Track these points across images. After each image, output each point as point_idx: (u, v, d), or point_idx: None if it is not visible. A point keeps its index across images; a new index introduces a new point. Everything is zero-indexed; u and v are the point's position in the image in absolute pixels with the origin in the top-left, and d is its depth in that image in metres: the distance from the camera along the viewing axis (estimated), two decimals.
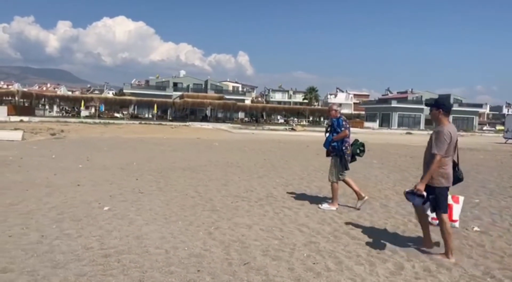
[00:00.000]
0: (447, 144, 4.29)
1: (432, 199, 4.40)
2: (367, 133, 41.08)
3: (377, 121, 76.10)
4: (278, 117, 69.57)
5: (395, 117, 78.32)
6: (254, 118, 59.11)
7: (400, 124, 77.18)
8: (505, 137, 34.82)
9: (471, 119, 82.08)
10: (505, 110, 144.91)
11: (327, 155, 6.91)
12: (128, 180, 9.00)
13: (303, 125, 52.39)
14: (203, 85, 74.15)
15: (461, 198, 5.59)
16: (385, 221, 6.04)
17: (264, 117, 60.68)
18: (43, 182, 8.60)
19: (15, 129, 24.05)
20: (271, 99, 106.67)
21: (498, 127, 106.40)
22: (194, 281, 3.64)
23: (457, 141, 4.44)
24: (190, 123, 47.26)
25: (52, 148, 16.20)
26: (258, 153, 16.61)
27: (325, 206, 6.79)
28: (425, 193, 4.33)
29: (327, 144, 6.79)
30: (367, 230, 5.47)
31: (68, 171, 10.33)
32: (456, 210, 5.40)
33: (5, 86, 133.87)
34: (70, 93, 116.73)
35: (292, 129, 49.37)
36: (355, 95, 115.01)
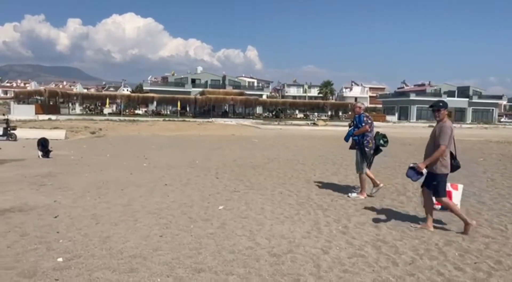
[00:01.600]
0: (449, 136, 5.05)
1: (434, 185, 5.20)
2: (389, 127, 40.90)
3: (396, 114, 75.56)
4: (296, 112, 69.47)
5: (413, 110, 77.71)
6: (274, 114, 59.12)
7: (418, 117, 76.58)
8: None
9: (491, 111, 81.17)
10: None
11: (350, 148, 7.55)
12: (210, 179, 9.21)
13: (325, 120, 52.30)
14: (221, 81, 74.28)
15: (460, 186, 6.13)
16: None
17: (283, 113, 60.63)
18: (128, 181, 8.85)
19: (54, 128, 24.52)
20: (286, 94, 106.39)
21: None
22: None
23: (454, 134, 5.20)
24: (212, 119, 47.50)
25: (101, 147, 16.52)
26: (303, 149, 16.74)
27: (353, 195, 7.33)
28: (424, 171, 5.12)
29: (348, 137, 7.47)
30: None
31: (138, 170, 10.56)
32: (456, 196, 5.97)
33: (22, 84, 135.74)
34: (85, 90, 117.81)
35: (314, 124, 49.34)
36: (370, 88, 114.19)
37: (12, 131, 19.17)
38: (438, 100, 5.54)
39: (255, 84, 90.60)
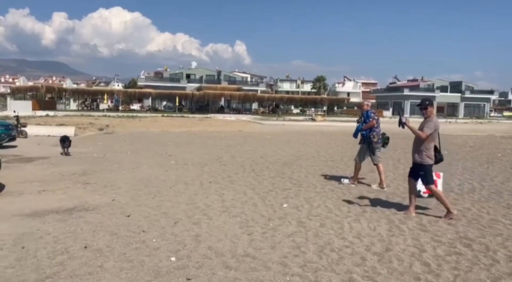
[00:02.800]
0: (433, 128, 5.62)
1: (422, 174, 5.77)
2: (386, 122, 41.21)
3: (390, 109, 76.12)
4: (292, 107, 69.55)
5: (407, 106, 78.32)
6: (271, 109, 59.10)
7: (412, 112, 77.16)
8: None
9: (483, 106, 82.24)
10: (510, 96, 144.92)
11: (360, 142, 8.18)
12: (251, 176, 9.24)
13: (323, 116, 52.51)
14: (216, 77, 73.98)
15: (441, 174, 6.85)
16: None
17: (279, 108, 60.67)
18: (169, 179, 8.85)
19: (60, 125, 24.23)
20: (279, 89, 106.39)
21: (506, 113, 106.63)
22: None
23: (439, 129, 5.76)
24: (211, 115, 47.33)
25: (117, 144, 16.36)
26: (321, 145, 16.84)
27: (374, 186, 7.95)
28: (405, 120, 5.69)
29: (356, 133, 8.10)
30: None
31: (171, 167, 10.53)
32: (439, 183, 6.65)
33: (10, 80, 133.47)
34: (75, 86, 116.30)
35: (312, 119, 49.50)
36: (363, 83, 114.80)
37: (22, 129, 18.93)
38: (424, 99, 6.02)
39: (248, 79, 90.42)
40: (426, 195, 6.60)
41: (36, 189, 7.71)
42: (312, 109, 61.81)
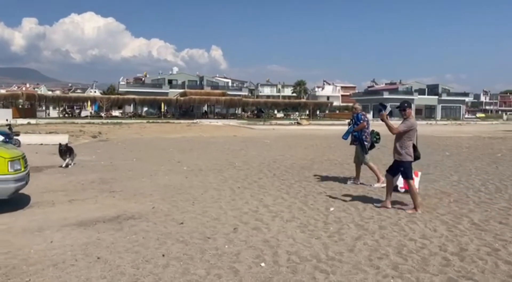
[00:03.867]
0: (410, 128, 6.18)
1: (402, 170, 6.30)
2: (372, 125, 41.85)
3: (371, 112, 77.39)
4: (275, 111, 69.90)
5: (387, 108, 79.87)
6: (255, 114, 59.22)
7: (391, 115, 78.68)
8: None
9: (459, 108, 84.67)
10: (482, 98, 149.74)
11: (351, 144, 8.71)
12: (276, 180, 9.26)
13: (308, 120, 52.96)
14: (198, 82, 73.69)
15: (419, 173, 7.43)
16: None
17: (263, 112, 60.87)
18: (196, 185, 8.77)
19: (50, 133, 23.64)
20: (260, 94, 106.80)
21: (479, 114, 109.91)
22: None
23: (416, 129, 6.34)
24: (197, 120, 47.09)
25: (117, 151, 16.01)
26: (324, 149, 16.96)
27: (377, 185, 8.31)
28: (384, 111, 6.46)
29: (347, 134, 8.56)
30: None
31: (189, 173, 10.42)
32: (416, 181, 7.11)
33: None
34: (50, 93, 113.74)
35: (298, 123, 49.87)
36: (342, 87, 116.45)
37: (15, 137, 18.34)
38: (403, 102, 6.59)
39: (230, 84, 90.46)
40: (403, 190, 7.13)
41: (64, 199, 7.52)
42: (296, 113, 62.26)
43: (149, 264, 4.11)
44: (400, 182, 7.12)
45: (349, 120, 8.93)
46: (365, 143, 8.35)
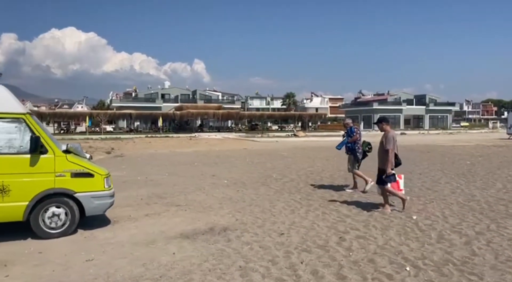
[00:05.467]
0: (392, 141, 7.01)
1: (383, 177, 7.15)
2: (365, 136, 42.79)
3: (361, 123, 78.54)
4: (268, 124, 70.48)
5: (376, 119, 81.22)
6: (250, 127, 59.69)
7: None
8: (508, 133, 37.67)
9: (446, 117, 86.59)
10: (465, 107, 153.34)
11: (346, 153, 9.69)
12: (331, 191, 9.62)
13: (304, 131, 53.58)
14: (191, 96, 73.93)
15: (402, 176, 8.35)
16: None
17: (258, 125, 61.38)
18: (254, 198, 9.07)
19: None
20: (250, 106, 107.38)
21: (463, 123, 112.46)
22: None
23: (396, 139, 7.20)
24: (195, 134, 47.23)
25: (143, 166, 15.99)
26: (342, 160, 17.37)
27: (368, 186, 9.24)
28: (393, 172, 7.09)
29: (340, 145, 9.70)
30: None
31: (235, 187, 10.65)
32: (401, 183, 8.16)
33: None
34: (36, 109, 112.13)
35: (295, 135, 50.43)
36: (330, 99, 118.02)
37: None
38: (380, 117, 7.63)
39: (220, 97, 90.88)
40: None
41: (138, 213, 7.71)
42: (291, 125, 62.95)
43: (300, 270, 4.42)
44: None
45: (343, 132, 9.95)
46: (357, 154, 9.33)
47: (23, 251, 5.53)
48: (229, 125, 64.79)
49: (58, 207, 6.19)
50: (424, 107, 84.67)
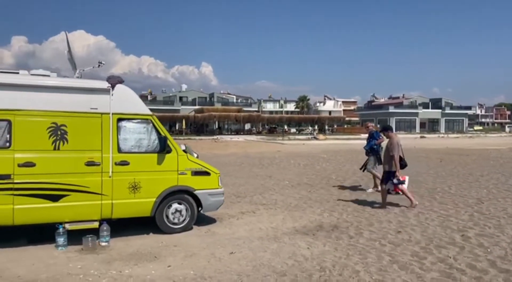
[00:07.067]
0: (397, 147, 7.80)
1: (391, 178, 7.90)
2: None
3: (378, 126, 78.41)
4: (286, 127, 70.72)
5: (392, 122, 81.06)
6: (268, 129, 60.01)
7: (397, 129, 79.93)
8: None
9: (462, 121, 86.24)
10: (478, 111, 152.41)
11: (366, 154, 10.52)
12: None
13: (324, 134, 53.75)
14: (208, 98, 74.46)
15: (407, 177, 8.67)
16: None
17: (276, 128, 61.68)
18: (331, 198, 9.35)
19: None
20: (264, 109, 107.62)
21: (476, 127, 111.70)
22: None
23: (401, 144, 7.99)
24: (218, 136, 47.60)
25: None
26: None
27: (369, 190, 10.18)
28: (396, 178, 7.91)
29: (368, 146, 10.42)
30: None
31: (299, 188, 10.95)
32: (406, 182, 8.57)
33: None
34: None
35: (315, 138, 50.64)
36: (343, 102, 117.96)
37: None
38: (385, 126, 8.67)
39: (234, 100, 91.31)
40: (394, 192, 8.28)
41: (232, 212, 7.95)
42: (310, 128, 63.15)
43: (456, 264, 4.68)
44: (392, 185, 8.27)
45: (367, 135, 10.72)
46: (379, 155, 9.97)
47: (157, 245, 5.83)
48: (247, 128, 65.09)
49: (179, 203, 6.50)
50: (440, 111, 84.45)
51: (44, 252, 5.45)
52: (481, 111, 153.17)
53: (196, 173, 6.62)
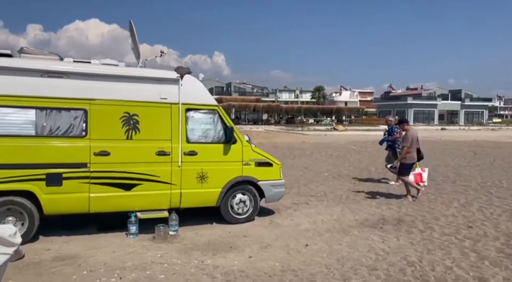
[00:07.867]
0: (411, 139, 7.99)
1: (402, 170, 8.19)
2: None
3: (395, 117, 77.55)
4: (302, 117, 70.42)
5: (410, 114, 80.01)
6: (287, 120, 59.79)
7: (415, 120, 78.85)
8: None
9: (482, 113, 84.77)
10: (496, 103, 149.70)
11: (386, 149, 10.50)
12: (464, 188, 9.69)
13: (344, 125, 53.37)
14: (225, 88, 74.36)
15: (426, 169, 9.17)
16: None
17: (294, 118, 61.40)
18: (388, 190, 9.22)
19: None
20: (279, 99, 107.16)
21: (495, 119, 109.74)
22: None
23: (418, 137, 8.28)
24: (237, 126, 47.54)
25: None
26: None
27: (392, 182, 10.10)
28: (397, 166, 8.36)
29: (382, 142, 10.60)
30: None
31: (340, 179, 10.92)
32: (424, 175, 9.04)
33: None
34: None
35: (334, 129, 50.28)
36: (360, 92, 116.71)
37: None
38: (401, 119, 9.00)
39: (250, 90, 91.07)
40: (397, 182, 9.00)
41: (285, 203, 7.85)
42: (328, 119, 62.75)
43: None
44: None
45: (384, 131, 10.65)
46: (397, 150, 9.67)
47: (226, 235, 5.82)
48: (264, 118, 64.93)
49: (243, 193, 6.47)
50: (459, 102, 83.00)
51: (119, 240, 5.47)
52: (499, 103, 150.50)
53: (260, 164, 6.57)
